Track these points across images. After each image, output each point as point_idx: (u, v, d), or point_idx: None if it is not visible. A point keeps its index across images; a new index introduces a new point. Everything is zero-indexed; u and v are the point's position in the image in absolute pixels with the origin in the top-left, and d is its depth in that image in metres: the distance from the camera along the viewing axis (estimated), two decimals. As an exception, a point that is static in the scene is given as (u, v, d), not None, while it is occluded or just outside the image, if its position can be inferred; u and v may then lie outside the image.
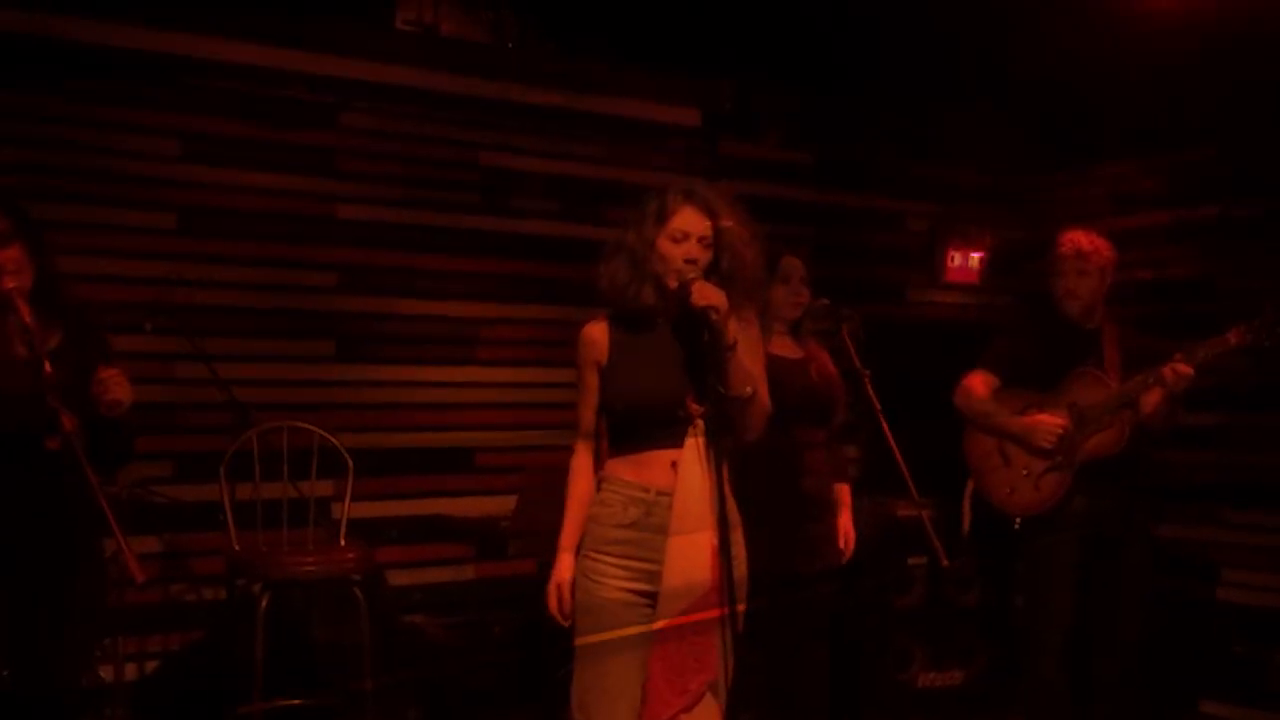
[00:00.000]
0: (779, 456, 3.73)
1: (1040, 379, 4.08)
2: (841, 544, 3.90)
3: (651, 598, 2.79)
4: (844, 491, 3.97)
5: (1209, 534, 5.46)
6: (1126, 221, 5.78)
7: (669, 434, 2.81)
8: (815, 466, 3.84)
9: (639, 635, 2.77)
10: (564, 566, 2.88)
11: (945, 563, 3.46)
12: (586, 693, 2.81)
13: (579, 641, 2.82)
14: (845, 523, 3.94)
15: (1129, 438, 3.91)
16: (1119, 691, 4.04)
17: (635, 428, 2.84)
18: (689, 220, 2.82)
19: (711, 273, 2.82)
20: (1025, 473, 4.02)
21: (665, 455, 2.80)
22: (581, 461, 2.96)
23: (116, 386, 3.15)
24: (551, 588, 2.88)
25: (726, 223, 2.85)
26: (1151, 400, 3.84)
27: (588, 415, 2.95)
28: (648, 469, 2.81)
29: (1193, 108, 5.30)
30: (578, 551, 2.88)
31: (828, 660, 3.96)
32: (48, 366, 3.03)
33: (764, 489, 3.66)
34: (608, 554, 2.81)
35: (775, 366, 3.79)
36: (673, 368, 2.84)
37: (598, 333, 2.91)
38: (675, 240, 2.81)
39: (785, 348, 3.91)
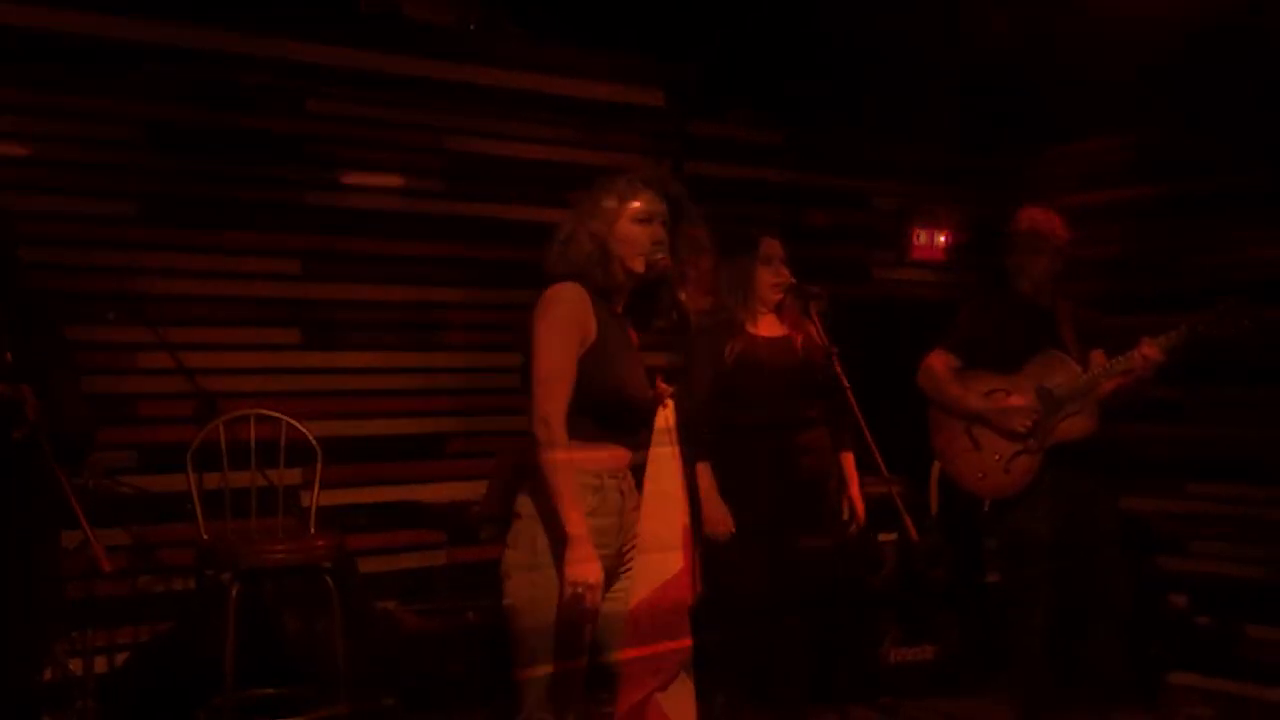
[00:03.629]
0: (768, 434, 3.77)
1: (1000, 360, 4.10)
2: (846, 516, 3.94)
3: (606, 584, 2.71)
4: (848, 461, 3.99)
5: (1171, 506, 5.52)
6: (1090, 198, 5.82)
7: (631, 422, 2.80)
8: (813, 443, 3.87)
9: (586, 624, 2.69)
10: (593, 555, 2.63)
11: (916, 538, 3.48)
12: (536, 686, 2.72)
13: (533, 629, 2.67)
14: (854, 494, 3.97)
15: (1098, 419, 3.96)
16: (1111, 665, 4.07)
17: (613, 416, 2.77)
18: (649, 202, 2.83)
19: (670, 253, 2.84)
20: (996, 457, 4.04)
21: (623, 448, 2.78)
22: (565, 446, 2.68)
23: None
24: (589, 589, 2.59)
25: (683, 208, 2.86)
26: (1121, 380, 3.89)
27: (566, 388, 2.70)
28: (599, 455, 2.73)
29: (1156, 86, 5.33)
30: (524, 540, 2.73)
31: (808, 637, 3.99)
32: (9, 356, 3.00)
33: (754, 467, 3.71)
34: None
35: (762, 347, 3.86)
36: (637, 355, 2.84)
37: (581, 295, 2.75)
38: (638, 222, 2.81)
39: (770, 327, 3.96)
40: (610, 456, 2.76)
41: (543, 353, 2.70)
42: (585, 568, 2.58)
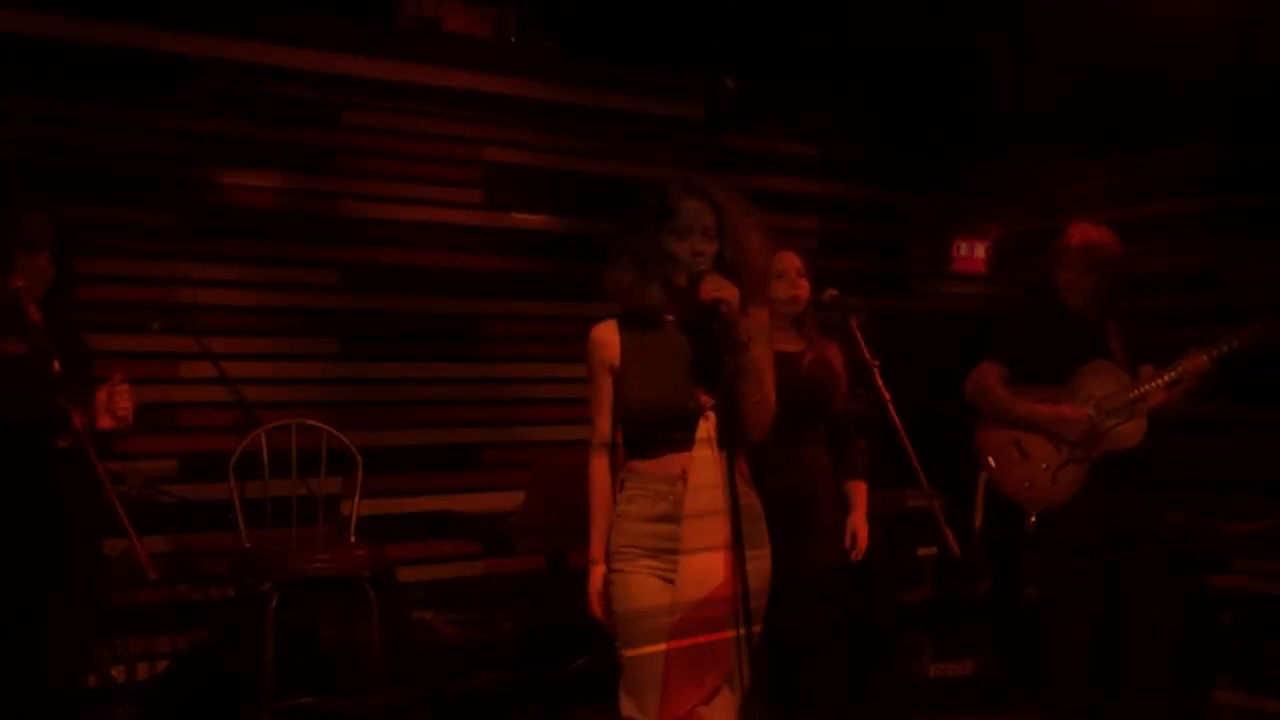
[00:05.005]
0: (767, 450, 3.70)
1: (1049, 371, 4.07)
2: (847, 543, 3.87)
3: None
4: (857, 489, 3.91)
5: (1214, 523, 5.46)
6: (1129, 213, 5.77)
7: (683, 434, 2.80)
8: (804, 463, 3.80)
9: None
10: (598, 577, 2.86)
11: (957, 553, 3.45)
12: (637, 691, 2.77)
13: (629, 652, 2.77)
14: (855, 520, 3.87)
15: (1147, 430, 3.92)
16: (1156, 684, 4.01)
17: (652, 430, 2.81)
18: (691, 214, 2.81)
19: (717, 264, 2.81)
20: (1044, 466, 4.00)
21: (682, 457, 2.79)
22: (600, 469, 2.89)
23: (123, 400, 3.16)
24: (594, 596, 2.86)
25: (729, 213, 2.84)
26: (1170, 393, 3.86)
27: (603, 422, 2.89)
28: (667, 465, 2.79)
29: (1196, 100, 5.29)
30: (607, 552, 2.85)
31: (831, 655, 3.94)
32: (56, 365, 3.03)
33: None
34: (641, 548, 2.78)
35: None
36: (683, 366, 2.83)
37: (608, 335, 2.87)
38: (680, 236, 2.80)
39: (784, 341, 3.90)
40: (679, 465, 2.78)
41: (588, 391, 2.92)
42: (590, 588, 2.85)
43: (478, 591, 5.03)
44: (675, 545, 2.76)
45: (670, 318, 2.88)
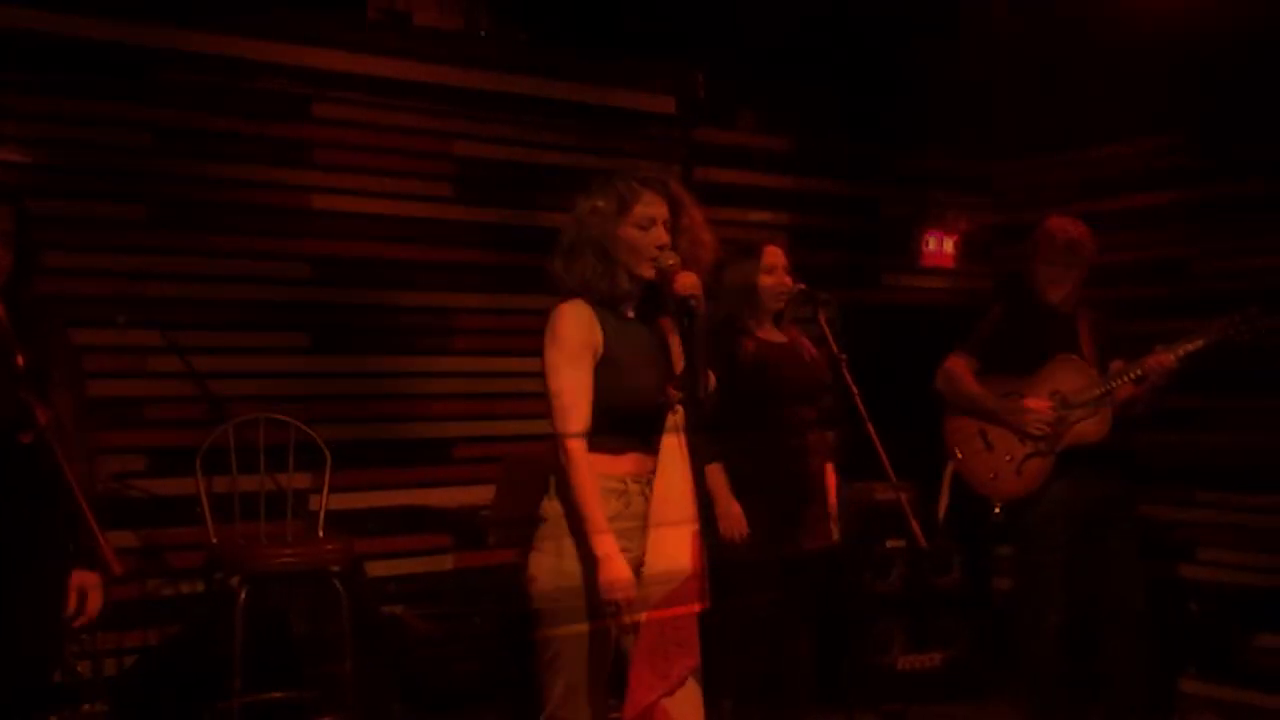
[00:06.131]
0: (783, 438, 3.80)
1: (1019, 364, 4.11)
2: (833, 525, 3.97)
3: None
4: (830, 472, 4.05)
5: (1181, 514, 5.51)
6: (1099, 205, 5.81)
7: (648, 426, 2.80)
8: (815, 447, 3.91)
9: (613, 627, 2.76)
10: (627, 571, 2.67)
11: (924, 544, 3.49)
12: (562, 687, 2.76)
13: (567, 631, 2.73)
14: (834, 503, 4.03)
15: (1111, 425, 3.96)
16: (1129, 674, 4.05)
17: (620, 423, 2.78)
18: (651, 206, 2.82)
19: None
20: (1008, 459, 4.05)
21: (644, 453, 2.79)
22: (587, 458, 2.72)
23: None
24: (624, 579, 2.66)
25: (684, 207, 2.85)
26: (1136, 389, 3.90)
27: (586, 406, 2.73)
28: (622, 462, 2.78)
29: (1166, 92, 5.32)
30: (550, 543, 2.77)
31: (815, 643, 4.02)
32: (20, 358, 3.00)
33: (770, 470, 3.74)
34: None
35: (769, 352, 3.89)
36: (654, 359, 2.84)
37: (589, 316, 2.78)
38: (642, 228, 2.80)
39: (772, 334, 3.99)
40: (633, 462, 2.79)
41: (554, 377, 2.75)
42: (617, 578, 2.64)
43: (449, 586, 5.02)
44: (624, 544, 2.73)
45: (631, 310, 2.88)
